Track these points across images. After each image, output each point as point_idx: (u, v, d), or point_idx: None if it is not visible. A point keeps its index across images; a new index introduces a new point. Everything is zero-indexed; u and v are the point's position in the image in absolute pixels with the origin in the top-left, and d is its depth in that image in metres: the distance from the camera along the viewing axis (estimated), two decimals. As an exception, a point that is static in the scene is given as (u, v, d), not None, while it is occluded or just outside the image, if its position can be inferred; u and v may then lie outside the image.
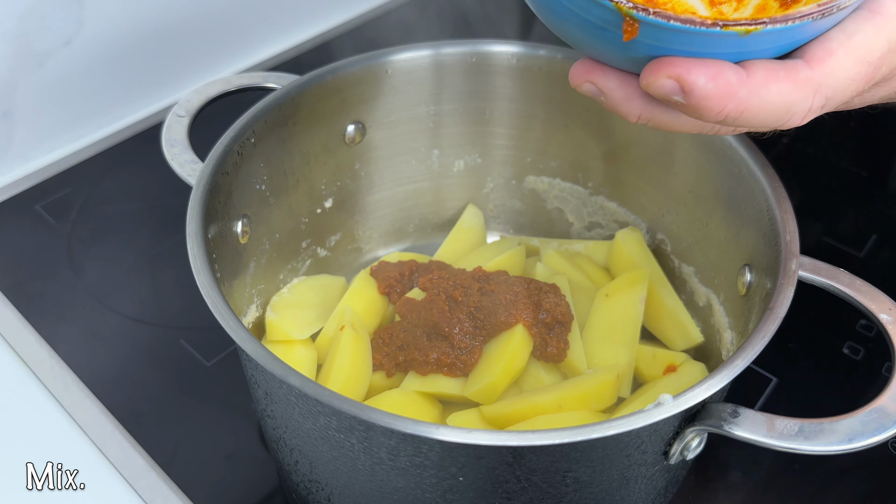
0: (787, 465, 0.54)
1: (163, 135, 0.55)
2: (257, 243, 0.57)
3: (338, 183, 0.63)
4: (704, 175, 0.56)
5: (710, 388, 0.39)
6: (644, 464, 0.42)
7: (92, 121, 0.82)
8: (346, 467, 0.43)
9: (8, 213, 0.74)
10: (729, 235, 0.55)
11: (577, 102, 0.62)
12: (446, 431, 0.37)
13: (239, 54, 0.92)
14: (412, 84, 0.62)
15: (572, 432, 0.37)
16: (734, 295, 0.54)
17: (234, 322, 0.41)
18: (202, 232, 0.46)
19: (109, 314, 0.65)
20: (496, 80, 0.62)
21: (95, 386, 0.59)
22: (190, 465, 0.55)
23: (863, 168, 0.79)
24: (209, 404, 0.59)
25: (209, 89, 0.58)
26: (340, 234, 0.66)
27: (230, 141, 0.52)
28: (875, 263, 0.69)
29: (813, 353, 0.62)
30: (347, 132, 0.62)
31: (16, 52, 0.72)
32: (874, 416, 0.40)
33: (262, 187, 0.56)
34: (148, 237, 0.72)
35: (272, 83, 0.59)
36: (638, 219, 0.64)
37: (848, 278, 0.46)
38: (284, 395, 0.42)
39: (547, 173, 0.67)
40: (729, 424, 0.40)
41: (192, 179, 0.52)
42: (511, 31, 0.89)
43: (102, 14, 0.77)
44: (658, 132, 0.59)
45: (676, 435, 0.42)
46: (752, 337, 0.41)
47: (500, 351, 0.53)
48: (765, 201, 0.49)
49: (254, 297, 0.57)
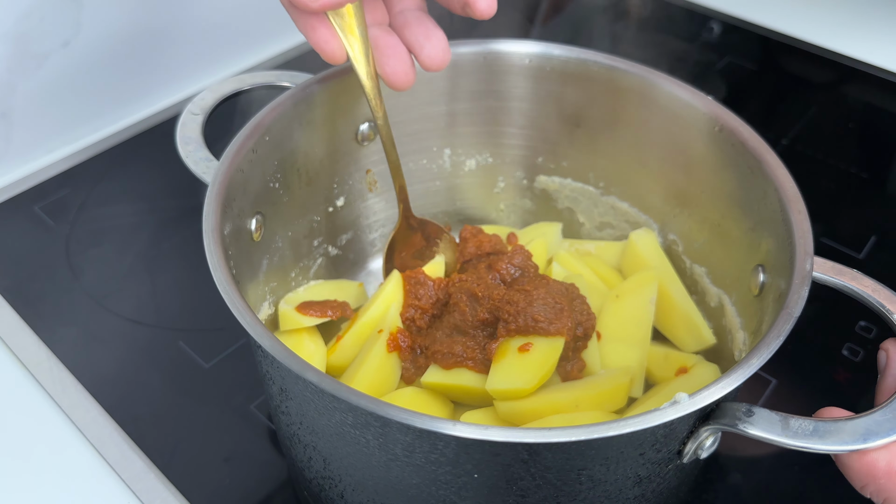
0: (787, 466, 0.54)
1: (177, 132, 0.55)
2: (270, 241, 0.57)
3: (350, 182, 0.64)
4: (717, 175, 0.57)
5: (726, 387, 0.39)
6: (658, 462, 0.42)
7: (91, 122, 0.82)
8: (360, 463, 0.43)
9: (6, 214, 0.74)
10: (741, 236, 0.55)
11: (589, 103, 0.62)
12: (463, 428, 0.37)
13: (240, 55, 0.93)
14: (424, 83, 0.62)
15: (589, 429, 0.37)
16: (747, 296, 0.54)
17: (251, 318, 0.41)
18: (219, 229, 0.46)
19: (108, 315, 0.65)
20: (509, 80, 0.63)
21: (94, 387, 0.59)
22: (188, 467, 0.55)
23: (862, 170, 0.79)
24: (208, 406, 0.59)
25: (223, 87, 0.58)
26: (352, 232, 0.66)
27: (245, 138, 0.52)
28: (874, 265, 0.69)
29: (813, 355, 0.62)
30: (360, 131, 0.62)
31: (14, 53, 0.72)
32: (889, 415, 0.40)
33: (275, 185, 0.56)
34: (147, 239, 0.72)
35: (286, 81, 0.59)
36: (649, 219, 0.64)
37: (862, 279, 0.46)
38: (300, 392, 0.42)
39: (558, 173, 0.67)
40: (743, 423, 0.40)
41: (207, 177, 0.52)
42: (516, 30, 0.90)
43: (101, 15, 0.77)
44: (671, 134, 0.59)
45: (691, 434, 0.42)
46: (767, 336, 0.41)
47: (538, 360, 0.50)
48: (778, 201, 0.49)
49: (266, 295, 0.58)
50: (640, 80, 0.59)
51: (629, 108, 0.61)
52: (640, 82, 0.59)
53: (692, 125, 0.57)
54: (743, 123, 0.54)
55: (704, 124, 0.56)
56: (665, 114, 0.59)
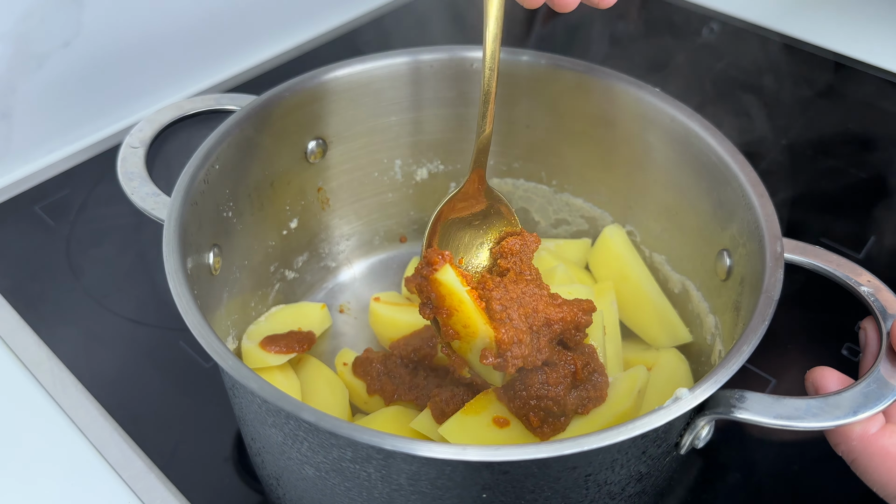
0: (786, 466, 0.55)
1: (118, 168, 0.52)
2: (228, 273, 0.55)
3: (302, 202, 0.62)
4: (671, 165, 0.57)
5: (723, 378, 0.40)
6: (658, 457, 0.43)
7: (91, 122, 0.82)
8: (360, 498, 0.42)
9: (7, 214, 0.73)
10: (701, 222, 0.56)
11: (536, 103, 0.62)
12: (473, 451, 0.36)
13: (240, 55, 0.92)
14: (369, 96, 0.61)
15: (599, 437, 0.37)
16: (712, 280, 0.55)
17: (234, 361, 0.39)
18: (182, 268, 0.44)
19: (108, 315, 0.64)
20: (454, 86, 0.62)
21: (94, 387, 0.58)
22: (188, 467, 0.54)
23: (861, 170, 0.80)
24: (208, 406, 0.58)
25: (161, 117, 0.55)
26: (307, 253, 0.64)
27: (195, 169, 0.50)
28: (874, 265, 0.69)
29: (811, 355, 0.63)
30: (309, 149, 0.60)
31: (15, 54, 0.72)
32: (873, 386, 0.41)
33: (229, 214, 0.54)
34: (147, 238, 0.70)
35: (228, 104, 0.56)
36: (604, 213, 0.65)
37: (826, 255, 0.47)
38: (292, 431, 0.40)
39: (510, 175, 0.66)
40: (737, 409, 0.41)
41: (157, 213, 0.49)
42: (517, 28, 0.89)
43: (102, 16, 0.76)
44: (620, 127, 0.59)
45: (687, 426, 0.42)
46: (753, 321, 0.42)
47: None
48: (739, 187, 0.50)
49: (229, 329, 0.55)
50: (582, 76, 0.59)
51: (576, 104, 0.61)
52: (586, 79, 0.59)
53: (644, 118, 0.58)
54: (695, 114, 0.55)
55: (656, 116, 0.57)
56: (614, 108, 0.59)
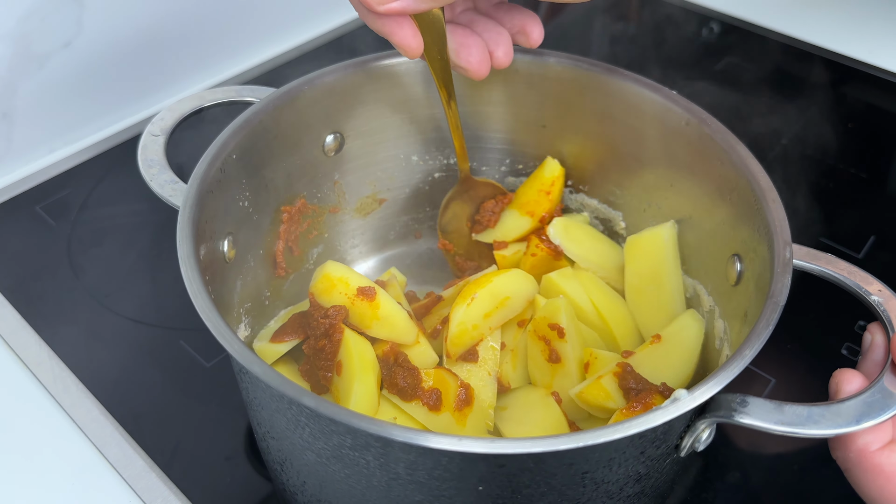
0: (786, 466, 0.55)
1: (139, 155, 0.53)
2: (242, 261, 0.56)
3: (318, 195, 0.62)
4: (686, 169, 0.57)
5: (724, 380, 0.40)
6: (657, 458, 0.43)
7: (92, 122, 0.82)
8: (360, 485, 0.42)
9: (8, 214, 0.74)
10: (714, 227, 0.55)
11: (553, 104, 0.62)
12: (469, 443, 0.36)
13: (240, 55, 0.92)
14: (388, 91, 0.61)
15: (595, 434, 0.37)
16: (723, 285, 0.54)
17: (239, 346, 0.40)
18: (195, 254, 0.45)
19: (109, 315, 0.65)
20: (473, 84, 0.62)
21: (95, 387, 0.59)
22: (189, 466, 0.54)
23: (861, 170, 0.79)
24: (209, 405, 0.58)
25: (182, 106, 0.57)
26: (322, 246, 0.65)
27: (213, 158, 0.51)
28: (874, 264, 0.69)
29: (811, 355, 0.63)
30: (326, 142, 0.61)
31: (16, 54, 0.73)
32: (877, 396, 0.41)
33: (244, 203, 0.55)
34: (147, 238, 0.71)
35: (248, 97, 0.57)
36: (619, 214, 0.65)
37: (837, 262, 0.47)
38: (294, 416, 0.41)
39: (527, 174, 0.67)
40: (738, 414, 0.41)
41: (174, 199, 0.50)
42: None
43: (103, 16, 0.77)
44: (636, 130, 0.59)
45: (687, 428, 0.42)
46: (757, 326, 0.42)
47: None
48: (751, 192, 0.50)
49: (242, 317, 0.56)
50: (602, 78, 0.59)
51: (593, 106, 0.61)
52: (602, 80, 0.60)
53: (659, 120, 0.58)
54: (710, 117, 0.55)
55: (671, 119, 0.57)
56: (631, 110, 0.59)
